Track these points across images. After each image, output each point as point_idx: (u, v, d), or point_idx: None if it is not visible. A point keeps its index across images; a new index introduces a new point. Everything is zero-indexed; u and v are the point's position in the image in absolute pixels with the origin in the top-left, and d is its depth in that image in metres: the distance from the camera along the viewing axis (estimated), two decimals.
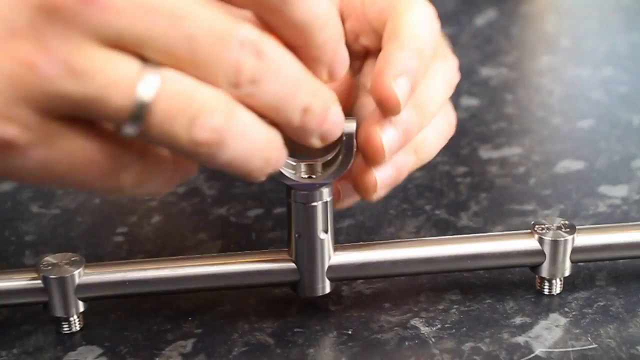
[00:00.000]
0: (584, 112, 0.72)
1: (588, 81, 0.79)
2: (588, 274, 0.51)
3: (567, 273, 0.49)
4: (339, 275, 0.47)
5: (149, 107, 0.33)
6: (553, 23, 0.97)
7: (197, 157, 0.35)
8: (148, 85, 0.33)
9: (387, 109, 0.43)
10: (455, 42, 0.87)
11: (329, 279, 0.47)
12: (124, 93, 0.33)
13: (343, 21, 0.51)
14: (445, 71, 0.49)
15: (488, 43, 0.88)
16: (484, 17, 0.94)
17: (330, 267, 0.47)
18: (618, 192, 0.60)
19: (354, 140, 0.42)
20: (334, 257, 0.47)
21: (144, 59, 0.34)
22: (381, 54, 0.45)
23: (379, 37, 0.48)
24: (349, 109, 0.49)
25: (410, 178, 0.62)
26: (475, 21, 0.93)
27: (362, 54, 0.51)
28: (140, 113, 0.33)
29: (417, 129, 0.46)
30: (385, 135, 0.43)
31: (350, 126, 0.42)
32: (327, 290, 0.47)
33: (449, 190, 0.61)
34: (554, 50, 0.88)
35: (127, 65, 0.33)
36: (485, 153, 0.66)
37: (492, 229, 0.56)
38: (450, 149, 0.66)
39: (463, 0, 1.00)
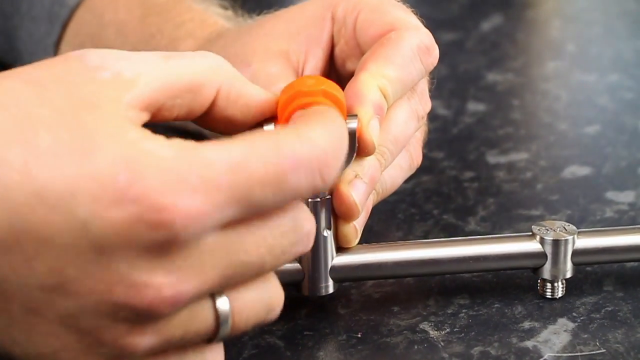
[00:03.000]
0: (591, 118, 0.73)
1: (594, 87, 0.79)
2: (596, 279, 0.51)
3: (568, 275, 0.49)
4: (343, 275, 0.47)
5: (229, 321, 0.38)
6: (559, 28, 0.97)
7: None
8: (223, 317, 0.38)
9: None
10: (461, 48, 0.88)
11: (332, 278, 0.47)
12: (210, 334, 0.38)
13: (334, 45, 0.53)
14: (411, 108, 0.50)
15: (494, 48, 0.88)
16: (490, 23, 0.94)
17: (333, 267, 0.47)
18: (625, 197, 0.60)
19: (356, 136, 0.45)
20: (338, 257, 0.47)
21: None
22: (348, 88, 0.47)
23: None
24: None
25: (418, 182, 0.62)
26: (481, 26, 0.93)
27: (350, 76, 0.51)
28: (225, 330, 0.38)
29: (380, 174, 0.48)
30: (356, 192, 0.46)
31: (352, 124, 0.44)
32: (331, 290, 0.47)
33: (456, 195, 0.61)
34: (560, 56, 0.88)
35: (206, 312, 0.37)
36: (493, 158, 0.66)
37: (499, 234, 0.56)
38: (458, 154, 0.67)
39: (469, 6, 1.00)
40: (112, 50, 0.37)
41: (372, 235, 0.56)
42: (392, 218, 0.58)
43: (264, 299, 0.39)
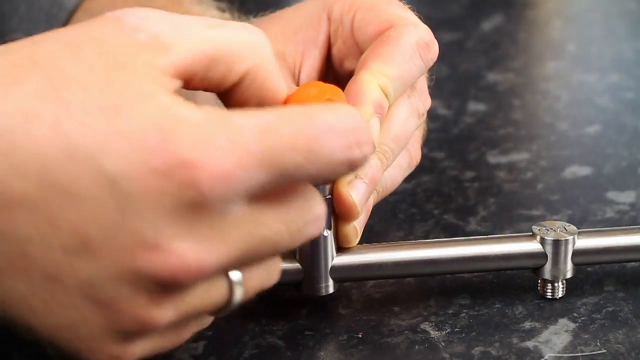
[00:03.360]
0: (591, 118, 0.73)
1: (594, 87, 0.79)
2: (596, 280, 0.51)
3: (569, 275, 0.49)
4: (343, 275, 0.47)
5: (241, 292, 0.38)
6: (559, 28, 0.97)
7: None
8: (236, 285, 0.37)
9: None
10: (462, 48, 0.88)
11: (332, 278, 0.47)
12: (223, 305, 0.38)
13: (331, 45, 0.53)
14: (412, 106, 0.50)
15: (495, 48, 0.88)
16: (491, 23, 0.94)
17: (333, 266, 0.47)
18: (626, 198, 0.60)
19: None
20: (338, 257, 0.47)
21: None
22: (348, 88, 0.46)
23: None
24: None
25: (418, 183, 0.62)
26: (481, 26, 0.93)
27: (348, 76, 0.51)
28: (236, 301, 0.38)
29: (382, 173, 0.48)
30: (355, 192, 0.46)
31: None
32: (331, 290, 0.47)
33: (457, 195, 0.61)
34: (560, 56, 0.88)
35: (221, 284, 0.37)
36: (493, 158, 0.66)
37: (500, 234, 0.56)
38: (458, 154, 0.67)
39: (470, 6, 1.00)
40: (155, 11, 0.37)
41: (372, 235, 0.56)
42: (392, 218, 0.58)
43: (267, 267, 0.39)
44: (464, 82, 0.80)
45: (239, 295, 0.37)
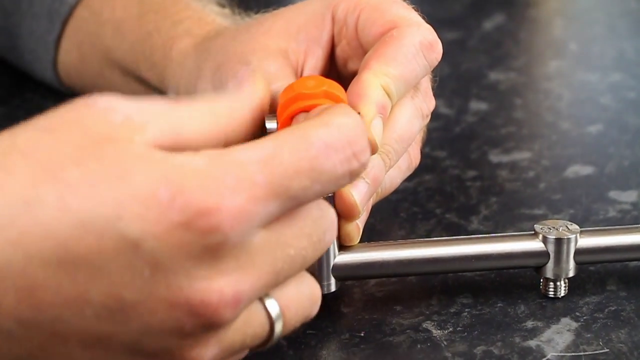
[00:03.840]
0: (593, 117, 0.73)
1: (597, 86, 0.79)
2: (599, 279, 0.51)
3: (571, 274, 0.49)
4: (345, 273, 0.47)
5: (281, 320, 0.39)
6: (561, 28, 0.97)
7: None
8: (275, 317, 0.38)
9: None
10: (464, 47, 0.88)
11: (334, 277, 0.47)
12: (265, 336, 0.39)
13: (335, 45, 0.52)
14: (415, 106, 0.50)
15: (496, 47, 0.88)
16: (492, 22, 0.94)
17: (335, 265, 0.47)
18: (628, 197, 0.60)
19: None
20: (340, 255, 0.47)
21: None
22: (351, 88, 0.46)
23: None
24: None
25: (420, 182, 0.62)
26: (483, 25, 0.93)
27: (352, 76, 0.51)
28: (278, 329, 0.39)
29: (384, 173, 0.48)
30: (357, 192, 0.46)
31: None
32: (333, 288, 0.47)
33: (459, 194, 0.61)
34: (562, 55, 0.88)
35: (260, 314, 0.38)
36: (495, 157, 0.66)
37: (502, 233, 0.56)
38: (460, 153, 0.67)
39: (471, 5, 1.00)
40: (121, 96, 0.38)
41: (374, 234, 0.56)
42: (394, 217, 0.58)
43: (306, 293, 0.40)
44: (466, 81, 0.80)
45: (279, 322, 0.38)
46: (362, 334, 0.47)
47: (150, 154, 0.35)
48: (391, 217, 0.58)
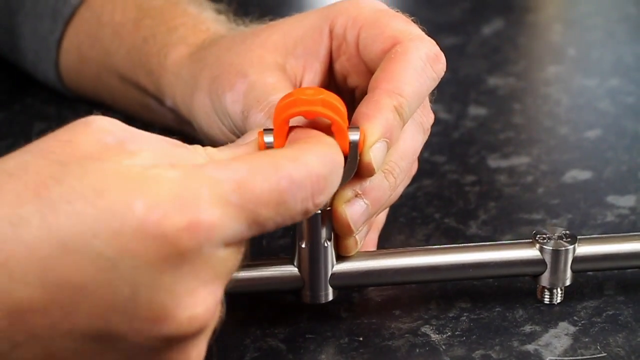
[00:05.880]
0: (591, 122, 0.73)
1: (595, 91, 0.79)
2: (597, 283, 0.51)
3: (568, 282, 0.49)
4: (342, 283, 0.47)
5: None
6: (560, 33, 0.97)
7: None
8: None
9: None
10: (463, 52, 0.88)
11: (332, 286, 0.47)
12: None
13: (333, 60, 0.52)
14: (417, 122, 0.49)
15: (495, 52, 0.88)
16: (491, 27, 0.94)
17: (333, 274, 0.47)
18: (626, 202, 0.60)
19: (357, 149, 0.44)
20: (338, 265, 0.47)
21: None
22: (360, 109, 0.46)
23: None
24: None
25: (419, 186, 0.62)
26: (482, 31, 0.93)
27: (351, 92, 0.51)
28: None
29: (389, 193, 0.47)
30: (351, 211, 0.45)
31: (354, 136, 0.44)
32: (330, 297, 0.47)
33: (457, 198, 0.61)
34: (560, 60, 0.88)
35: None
36: (494, 162, 0.66)
37: (500, 238, 0.56)
38: (459, 157, 0.67)
39: (470, 10, 1.00)
40: (119, 122, 0.38)
41: None
42: (393, 222, 0.58)
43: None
44: (465, 87, 0.80)
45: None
46: (361, 339, 0.47)
47: (128, 170, 0.35)
48: (390, 221, 0.58)
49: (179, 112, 0.59)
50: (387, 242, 0.56)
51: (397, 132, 0.46)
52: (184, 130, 0.60)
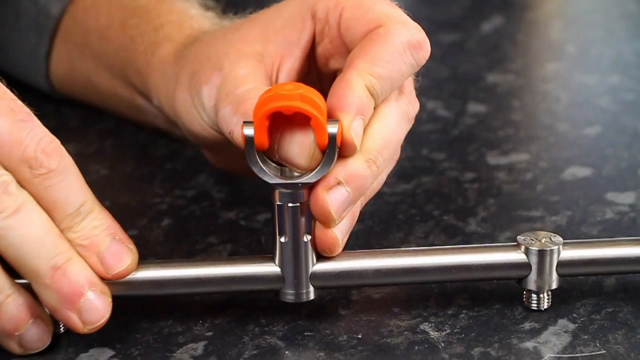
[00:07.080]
0: (591, 119, 0.73)
1: (594, 88, 0.79)
2: (596, 281, 0.51)
3: (554, 286, 0.48)
4: (323, 282, 0.47)
5: None
6: (559, 30, 0.97)
7: None
8: None
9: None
10: (462, 49, 0.88)
11: (313, 285, 0.47)
12: None
13: (316, 44, 0.51)
14: (401, 110, 0.49)
15: (494, 49, 0.88)
16: (491, 24, 0.94)
17: (313, 273, 0.46)
18: (625, 199, 0.60)
19: (336, 142, 0.44)
20: (318, 264, 0.47)
21: None
22: (334, 88, 0.46)
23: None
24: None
25: (418, 183, 0.62)
26: (481, 28, 0.93)
27: (333, 75, 0.51)
28: None
29: (371, 180, 0.46)
30: (332, 198, 0.45)
31: (333, 128, 0.44)
32: (312, 296, 0.47)
33: (457, 195, 0.61)
34: (560, 57, 0.88)
35: None
36: (493, 159, 0.66)
37: (500, 235, 0.56)
38: (458, 155, 0.67)
39: (469, 7, 1.00)
40: None
41: (372, 236, 0.56)
42: (392, 219, 0.58)
43: None
44: (464, 84, 0.80)
45: None
46: (360, 336, 0.47)
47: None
48: (389, 219, 0.58)
49: (164, 111, 0.58)
50: (385, 239, 0.56)
51: (370, 109, 0.46)
52: (174, 132, 0.60)
